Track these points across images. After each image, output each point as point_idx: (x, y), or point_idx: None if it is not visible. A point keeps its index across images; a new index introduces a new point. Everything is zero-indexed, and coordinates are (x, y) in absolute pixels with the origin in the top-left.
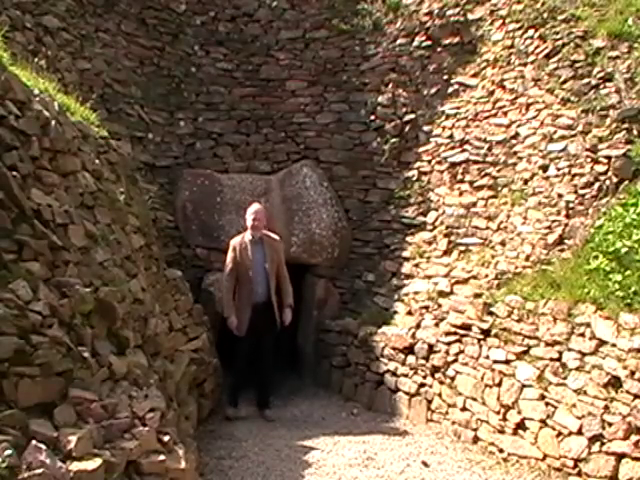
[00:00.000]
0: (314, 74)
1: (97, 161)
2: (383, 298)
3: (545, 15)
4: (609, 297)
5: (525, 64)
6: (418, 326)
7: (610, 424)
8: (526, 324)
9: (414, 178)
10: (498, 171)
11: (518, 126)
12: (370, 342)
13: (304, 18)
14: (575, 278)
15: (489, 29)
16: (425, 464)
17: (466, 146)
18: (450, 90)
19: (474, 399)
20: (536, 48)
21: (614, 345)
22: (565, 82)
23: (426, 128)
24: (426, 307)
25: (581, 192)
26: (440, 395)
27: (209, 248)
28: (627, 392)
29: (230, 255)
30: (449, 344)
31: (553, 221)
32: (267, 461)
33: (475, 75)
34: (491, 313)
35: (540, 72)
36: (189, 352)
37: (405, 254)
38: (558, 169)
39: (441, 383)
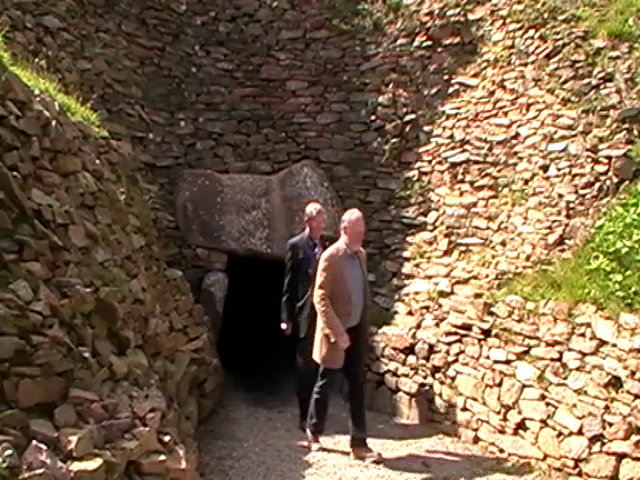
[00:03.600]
0: (314, 74)
1: (97, 161)
2: (383, 298)
3: (545, 15)
4: (609, 297)
5: (525, 64)
6: (418, 326)
7: (610, 424)
8: (526, 324)
9: (414, 178)
10: (498, 171)
11: (518, 126)
12: (370, 342)
13: (304, 18)
14: (575, 278)
15: (489, 29)
16: (425, 464)
17: (466, 146)
18: (450, 90)
19: (474, 399)
20: (536, 48)
21: (614, 345)
22: (565, 82)
23: (426, 128)
24: (426, 307)
25: (581, 192)
26: (441, 395)
27: (209, 248)
28: (627, 392)
29: (326, 271)
30: (449, 344)
31: (553, 221)
32: (268, 461)
33: (475, 75)
34: (491, 313)
35: (540, 72)
36: (189, 352)
37: (405, 254)
38: (558, 169)
39: (442, 383)
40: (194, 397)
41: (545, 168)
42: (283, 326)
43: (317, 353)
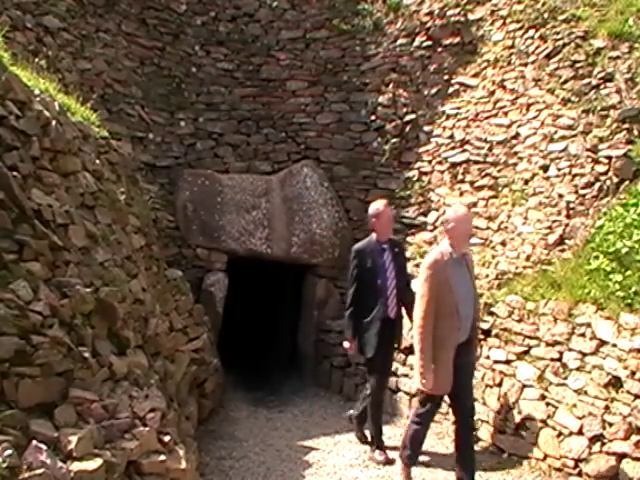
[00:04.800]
0: (315, 74)
1: (98, 161)
2: None
3: (546, 15)
4: (610, 297)
5: (526, 64)
6: None
7: (611, 424)
8: (527, 324)
9: (415, 178)
10: (499, 171)
11: (519, 126)
12: None
13: (305, 18)
14: (576, 278)
15: (490, 29)
16: (425, 464)
17: (467, 146)
18: (451, 90)
19: (475, 399)
20: (537, 48)
21: (615, 345)
22: (566, 82)
23: (427, 128)
24: None
25: (582, 192)
26: None
27: (209, 248)
28: (628, 392)
29: (429, 282)
30: None
31: (554, 221)
32: (268, 461)
33: (476, 75)
34: (492, 313)
35: (541, 72)
36: (190, 352)
37: (406, 254)
38: (559, 169)
39: None
40: (194, 397)
41: (545, 168)
42: (346, 344)
43: (417, 376)
